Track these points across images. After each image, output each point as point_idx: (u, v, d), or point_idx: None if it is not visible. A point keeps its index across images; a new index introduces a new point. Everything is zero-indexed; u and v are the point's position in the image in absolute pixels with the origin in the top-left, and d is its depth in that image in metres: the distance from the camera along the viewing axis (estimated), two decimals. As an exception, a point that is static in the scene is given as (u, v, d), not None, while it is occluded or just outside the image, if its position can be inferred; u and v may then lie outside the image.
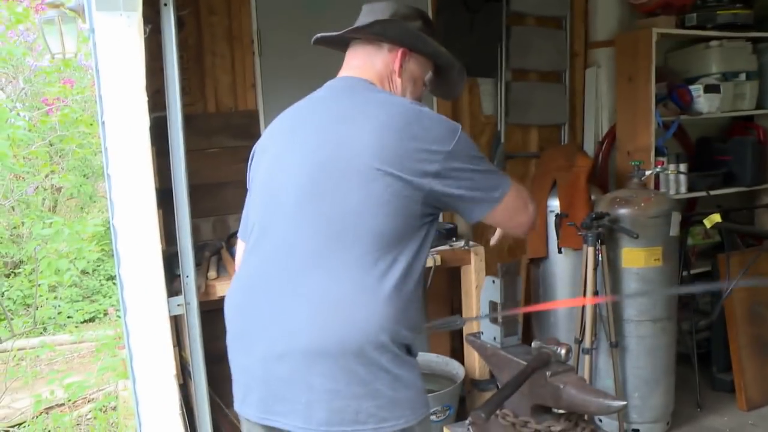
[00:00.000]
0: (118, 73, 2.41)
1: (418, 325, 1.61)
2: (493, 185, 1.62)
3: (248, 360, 1.58)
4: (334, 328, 1.46)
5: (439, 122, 1.59)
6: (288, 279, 1.53)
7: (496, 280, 2.32)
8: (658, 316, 3.34)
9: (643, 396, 3.40)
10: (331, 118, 1.63)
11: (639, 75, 3.79)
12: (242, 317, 1.63)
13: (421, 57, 1.80)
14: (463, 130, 1.60)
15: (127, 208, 2.45)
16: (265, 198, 1.67)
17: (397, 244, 1.52)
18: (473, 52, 3.79)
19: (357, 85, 1.70)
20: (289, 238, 1.56)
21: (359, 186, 1.50)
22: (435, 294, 3.85)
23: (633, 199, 3.33)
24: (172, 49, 2.52)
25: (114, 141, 2.42)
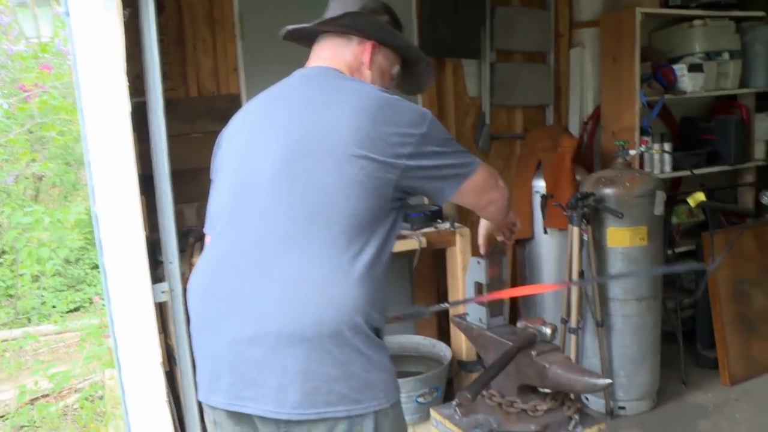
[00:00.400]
0: (96, 58, 2.36)
1: (385, 308, 1.61)
2: (462, 163, 1.65)
3: (215, 345, 1.55)
4: (309, 308, 1.45)
5: (410, 108, 1.60)
6: (260, 260, 1.51)
7: (481, 260, 2.31)
8: (643, 295, 3.36)
9: (629, 374, 3.43)
10: (303, 102, 1.63)
11: (623, 55, 3.78)
12: (209, 302, 1.59)
13: (389, 51, 1.82)
14: (432, 114, 1.62)
15: (109, 195, 2.42)
16: (236, 182, 1.65)
17: (369, 226, 1.52)
18: (457, 33, 3.76)
19: (328, 73, 1.71)
20: (262, 219, 1.54)
21: (333, 168, 1.50)
22: (421, 276, 3.85)
23: (618, 179, 3.33)
24: (152, 32, 2.48)
25: (93, 127, 2.38)
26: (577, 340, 3.38)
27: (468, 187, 1.67)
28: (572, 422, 2.07)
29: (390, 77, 1.85)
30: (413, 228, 3.32)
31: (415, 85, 2.01)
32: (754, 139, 4.42)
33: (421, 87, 2.04)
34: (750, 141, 4.38)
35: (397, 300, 3.90)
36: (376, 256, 1.53)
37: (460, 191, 1.66)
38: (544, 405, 2.09)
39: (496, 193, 1.80)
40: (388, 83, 1.85)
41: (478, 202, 1.82)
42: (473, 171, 1.66)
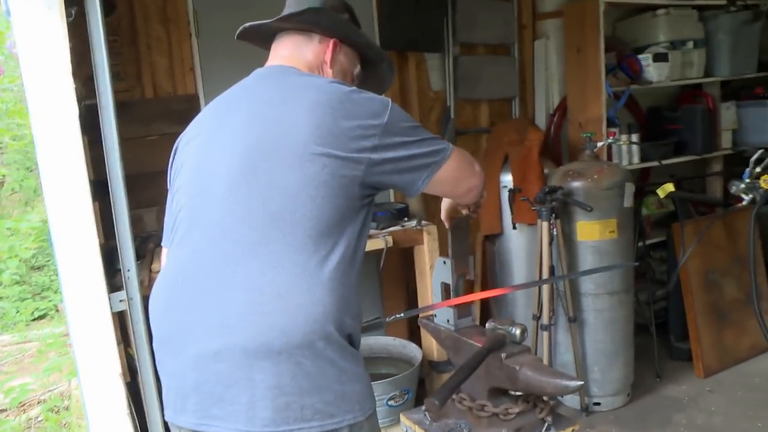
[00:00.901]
0: (41, 59, 2.29)
1: (360, 313, 1.54)
2: (433, 150, 1.56)
3: (179, 362, 1.45)
4: (275, 319, 1.35)
5: (369, 98, 1.52)
6: (220, 270, 1.41)
7: (447, 260, 2.24)
8: (615, 289, 3.32)
9: (603, 369, 3.39)
10: (261, 101, 1.54)
11: (587, 46, 3.74)
12: (170, 317, 1.49)
13: (350, 49, 1.75)
14: (393, 102, 1.54)
15: (61, 201, 2.36)
16: (192, 190, 1.56)
17: (337, 228, 1.44)
18: (419, 27, 3.69)
19: (286, 71, 1.63)
20: (221, 226, 1.45)
21: (295, 168, 1.41)
22: (390, 276, 3.78)
23: (586, 172, 3.29)
24: (99, 31, 2.38)
25: (42, 131, 2.32)
26: (550, 337, 3.34)
27: (442, 176, 1.57)
28: (545, 425, 2.01)
29: (351, 77, 1.77)
30: (379, 227, 3.25)
31: (376, 85, 1.89)
32: (720, 128, 4.42)
33: (383, 87, 1.93)
34: (716, 130, 4.38)
35: (367, 300, 3.83)
36: (347, 258, 1.45)
37: (434, 181, 1.57)
38: (516, 408, 2.02)
39: (474, 178, 1.71)
40: (349, 83, 1.75)
41: (455, 191, 1.75)
42: (446, 158, 1.56)
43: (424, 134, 1.56)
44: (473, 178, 1.71)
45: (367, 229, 1.54)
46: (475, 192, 1.77)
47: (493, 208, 3.70)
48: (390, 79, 1.92)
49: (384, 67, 1.86)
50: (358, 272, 1.52)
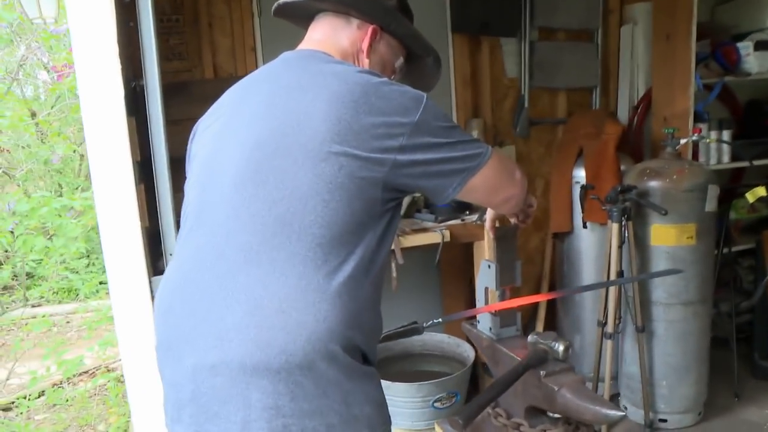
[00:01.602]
0: (90, 38, 2.26)
1: (377, 328, 1.41)
2: (468, 155, 1.40)
3: (177, 372, 1.35)
4: (275, 336, 1.23)
5: (400, 91, 1.36)
6: (222, 275, 1.30)
7: (492, 264, 2.09)
8: (689, 299, 3.05)
9: (672, 385, 3.14)
10: (279, 89, 1.40)
11: (678, 32, 3.42)
12: (171, 321, 1.39)
13: (393, 40, 1.59)
14: (429, 98, 1.37)
15: (105, 182, 2.33)
16: (202, 183, 1.44)
17: (353, 236, 1.30)
18: (493, 9, 3.48)
19: (313, 55, 1.47)
20: (225, 228, 1.33)
21: (308, 167, 1.28)
22: (451, 271, 3.63)
23: (664, 171, 3.02)
24: (147, 9, 2.33)
25: (89, 112, 2.29)
26: (614, 346, 3.11)
27: (476, 183, 1.42)
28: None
29: (392, 70, 1.62)
30: (437, 220, 3.10)
31: (420, 83, 1.71)
32: (830, 126, 3.97)
33: (428, 86, 1.75)
34: (825, 128, 3.95)
35: (426, 297, 3.70)
36: (362, 269, 1.31)
37: (467, 189, 1.42)
38: (555, 430, 1.86)
39: (513, 188, 1.55)
40: (389, 76, 1.60)
41: (491, 200, 1.60)
42: (482, 164, 1.41)
43: (460, 136, 1.40)
44: (512, 188, 1.55)
45: (390, 236, 1.40)
46: (513, 202, 1.60)
47: (563, 205, 3.48)
48: (435, 77, 1.74)
49: (430, 63, 1.68)
50: (378, 283, 1.39)
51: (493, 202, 1.62)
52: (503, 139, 3.72)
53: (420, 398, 2.88)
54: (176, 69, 3.15)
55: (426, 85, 1.74)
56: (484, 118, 3.59)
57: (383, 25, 1.54)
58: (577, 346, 3.54)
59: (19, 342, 4.24)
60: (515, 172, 1.55)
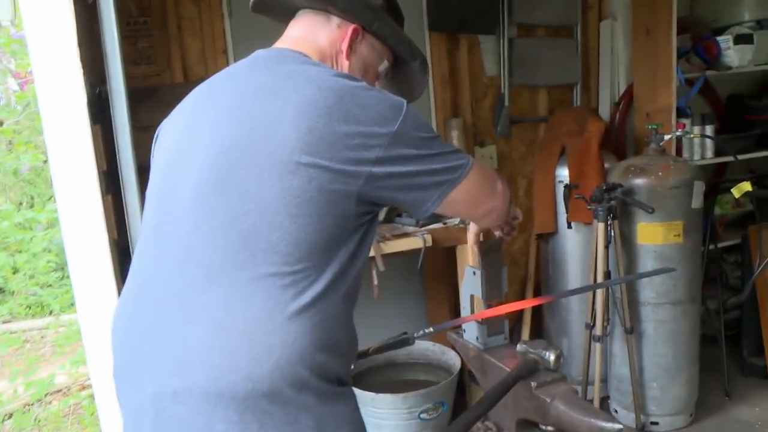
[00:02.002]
0: (49, 42, 2.16)
1: (351, 347, 1.32)
2: (448, 167, 1.30)
3: (137, 399, 1.24)
4: (239, 361, 1.13)
5: (380, 99, 1.25)
6: (184, 294, 1.20)
7: (477, 270, 2.00)
8: (678, 298, 2.99)
9: (663, 386, 3.07)
10: (247, 92, 1.28)
11: (658, 26, 3.36)
12: (129, 342, 1.28)
13: (377, 41, 1.48)
14: (410, 105, 1.27)
15: (69, 194, 2.22)
16: (161, 192, 1.33)
17: (323, 252, 1.21)
18: (472, 6, 3.39)
19: (287, 56, 1.35)
20: (185, 243, 1.22)
21: (275, 179, 1.17)
22: (434, 276, 3.54)
23: (649, 168, 2.95)
24: (110, 9, 2.23)
25: (50, 119, 2.19)
26: (603, 349, 3.04)
27: (457, 197, 1.33)
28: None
29: (375, 74, 1.51)
30: (418, 224, 3.01)
31: (406, 89, 1.63)
32: (811, 119, 3.93)
33: (414, 92, 1.65)
34: (807, 121, 3.91)
35: (409, 303, 3.61)
36: (334, 287, 1.21)
37: (447, 202, 1.32)
38: (547, 444, 1.78)
39: (494, 200, 1.47)
40: (372, 81, 1.50)
41: (472, 213, 1.51)
42: (463, 176, 1.31)
43: (440, 147, 1.30)
44: (494, 200, 1.47)
45: (365, 250, 1.31)
46: (495, 215, 1.52)
47: (547, 205, 3.40)
48: (422, 82, 1.63)
49: (416, 67, 1.57)
50: (352, 299, 1.30)
51: (475, 216, 1.55)
52: (484, 139, 3.63)
53: (406, 410, 2.78)
54: (145, 73, 3.03)
55: (412, 91, 1.64)
56: (463, 117, 3.51)
57: (365, 24, 1.43)
58: (565, 349, 3.46)
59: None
60: (497, 183, 1.47)
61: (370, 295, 2.94)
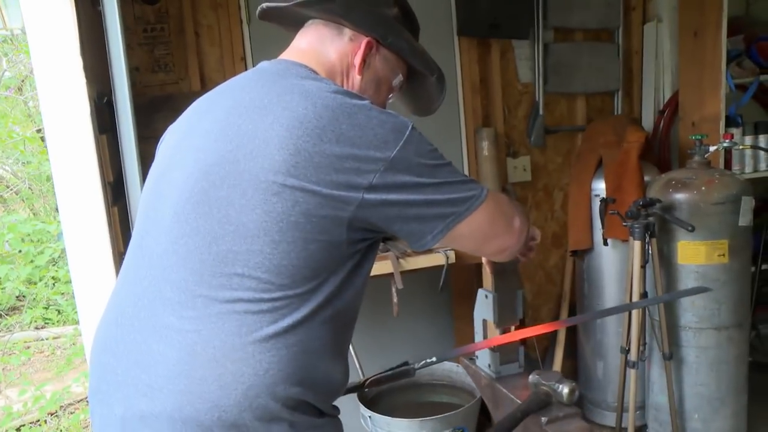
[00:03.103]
0: (50, 51, 2.11)
1: (336, 380, 1.23)
2: (455, 198, 1.21)
3: (107, 420, 1.20)
4: (206, 389, 1.09)
5: (380, 121, 1.15)
6: (157, 315, 1.15)
7: (489, 294, 1.85)
8: (723, 323, 2.75)
9: (705, 418, 2.84)
10: (240, 107, 1.20)
11: (706, 27, 3.13)
12: (104, 361, 1.23)
13: (391, 55, 1.38)
14: (415, 128, 1.17)
15: (73, 205, 2.18)
16: (147, 208, 1.29)
17: (307, 280, 1.13)
18: (503, 9, 3.22)
19: (289, 69, 1.26)
20: (162, 262, 1.18)
21: (257, 201, 1.11)
22: (464, 292, 3.38)
23: (692, 182, 2.73)
24: (114, 15, 2.17)
25: (53, 129, 2.14)
26: (637, 376, 2.82)
27: (463, 231, 1.23)
28: None
29: (389, 88, 1.42)
30: (442, 239, 2.86)
31: (421, 104, 1.55)
32: None
33: (430, 108, 1.56)
34: None
35: (435, 323, 3.46)
36: (316, 317, 1.15)
37: (451, 236, 1.23)
38: (558, 485, 1.62)
39: (508, 238, 1.36)
40: (385, 96, 1.43)
41: (481, 249, 1.41)
42: (472, 209, 1.22)
43: (447, 176, 1.20)
44: (508, 237, 1.35)
45: (359, 279, 1.23)
46: (507, 253, 1.40)
47: (582, 220, 3.21)
48: (438, 99, 1.52)
49: (432, 81, 1.46)
50: (342, 331, 1.24)
51: (484, 252, 1.45)
52: (517, 149, 3.46)
53: (423, 435, 2.64)
54: (162, 81, 2.98)
55: (428, 106, 1.55)
56: (495, 127, 3.34)
57: (379, 38, 1.34)
58: (600, 373, 3.26)
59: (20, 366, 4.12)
60: (514, 219, 1.35)
61: (389, 313, 2.84)
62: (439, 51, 3.17)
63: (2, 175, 5.83)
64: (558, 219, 3.58)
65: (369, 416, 2.72)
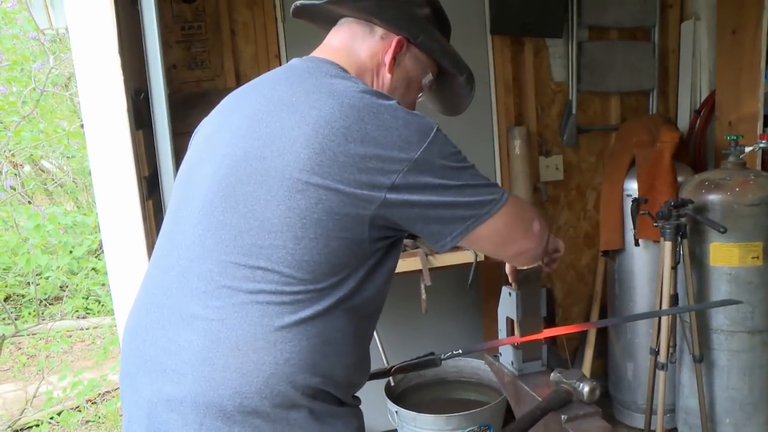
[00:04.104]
0: (90, 47, 2.16)
1: (356, 372, 1.27)
2: (476, 201, 1.22)
3: (135, 404, 1.25)
4: (228, 376, 1.13)
5: (405, 122, 1.17)
6: (184, 304, 1.20)
7: (513, 291, 1.86)
8: (756, 327, 2.71)
9: (737, 423, 2.80)
10: (270, 104, 1.24)
11: (745, 25, 3.07)
12: (133, 348, 1.28)
13: (422, 54, 1.41)
14: (440, 130, 1.19)
15: (109, 199, 2.23)
16: (180, 194, 1.33)
17: (328, 275, 1.17)
18: (537, 8, 3.21)
19: (319, 67, 1.29)
20: (190, 254, 1.22)
21: (281, 198, 1.14)
22: (494, 290, 3.38)
23: (726, 183, 2.70)
24: (151, 13, 2.24)
25: (92, 124, 2.19)
26: (666, 378, 2.80)
27: (483, 234, 1.25)
28: None
29: (419, 87, 1.44)
30: (471, 237, 2.87)
31: (451, 103, 1.56)
32: None
33: (459, 107, 1.57)
34: None
35: (464, 319, 3.47)
36: (337, 310, 1.19)
37: (471, 238, 1.25)
38: (577, 483, 1.62)
39: (528, 242, 1.36)
40: (415, 95, 1.45)
41: (500, 252, 1.40)
42: (493, 212, 1.23)
43: (470, 178, 1.22)
44: (527, 241, 1.36)
45: (382, 276, 1.26)
46: (526, 257, 1.41)
47: (614, 220, 3.19)
48: (468, 97, 1.53)
49: (461, 81, 1.48)
50: (364, 325, 1.27)
51: (503, 255, 1.43)
52: (550, 148, 3.45)
53: (449, 431, 2.65)
54: (199, 78, 3.04)
55: (457, 106, 1.57)
56: (527, 125, 3.33)
57: (410, 37, 1.36)
58: (630, 374, 3.23)
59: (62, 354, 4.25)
60: (533, 223, 1.35)
61: (417, 309, 2.86)
62: (472, 50, 3.18)
63: (49, 168, 6.01)
64: (591, 218, 3.55)
65: (396, 411, 2.75)
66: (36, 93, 3.88)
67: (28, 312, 4.70)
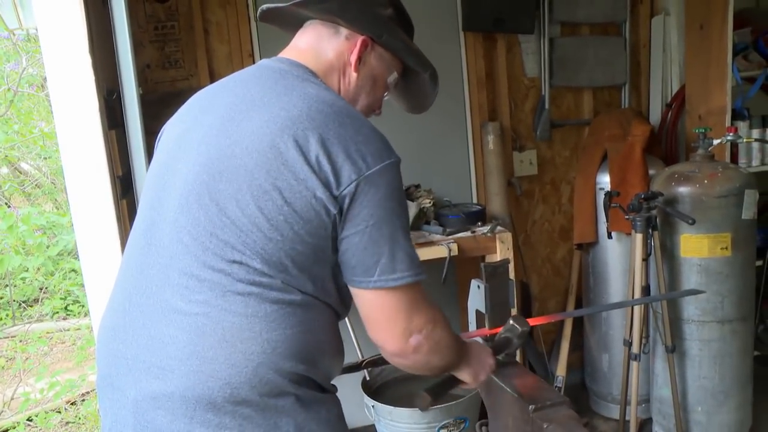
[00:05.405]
0: (60, 47, 2.17)
1: (334, 360, 1.33)
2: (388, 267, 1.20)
3: (119, 404, 1.25)
4: (217, 368, 1.16)
5: (367, 137, 1.22)
6: (165, 300, 1.22)
7: (481, 284, 1.89)
8: (726, 317, 2.76)
9: (709, 411, 2.85)
10: (241, 104, 1.27)
11: (712, 20, 3.11)
12: (113, 348, 1.29)
13: (386, 53, 1.44)
14: (397, 165, 1.24)
15: (82, 199, 2.24)
16: (152, 198, 1.34)
17: (303, 270, 1.22)
18: (507, 4, 3.22)
19: (290, 70, 1.33)
20: (169, 251, 1.24)
21: (250, 198, 1.18)
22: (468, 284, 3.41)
23: (694, 175, 2.74)
24: (122, 13, 2.24)
25: (63, 124, 2.20)
26: (640, 369, 2.84)
27: (366, 299, 1.23)
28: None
29: (384, 86, 1.47)
30: (445, 233, 2.89)
31: (416, 101, 1.60)
32: None
33: (424, 105, 1.60)
34: None
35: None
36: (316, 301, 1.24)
37: (357, 295, 1.24)
38: (546, 472, 1.65)
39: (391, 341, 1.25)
40: (380, 93, 1.48)
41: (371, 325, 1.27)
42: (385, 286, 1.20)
43: (401, 237, 1.22)
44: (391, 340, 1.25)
45: None
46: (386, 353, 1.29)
47: (587, 214, 3.23)
48: (432, 96, 1.57)
49: (425, 79, 1.51)
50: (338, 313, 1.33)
51: (372, 327, 1.27)
52: (523, 144, 3.48)
53: (425, 424, 2.67)
54: (173, 77, 3.05)
55: (422, 104, 1.61)
56: (501, 121, 3.35)
57: (375, 36, 1.40)
58: (605, 366, 3.27)
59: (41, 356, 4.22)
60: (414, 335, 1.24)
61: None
62: (445, 46, 3.20)
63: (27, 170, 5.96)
64: (566, 212, 3.58)
65: (372, 405, 2.77)
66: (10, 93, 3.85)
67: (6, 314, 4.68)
